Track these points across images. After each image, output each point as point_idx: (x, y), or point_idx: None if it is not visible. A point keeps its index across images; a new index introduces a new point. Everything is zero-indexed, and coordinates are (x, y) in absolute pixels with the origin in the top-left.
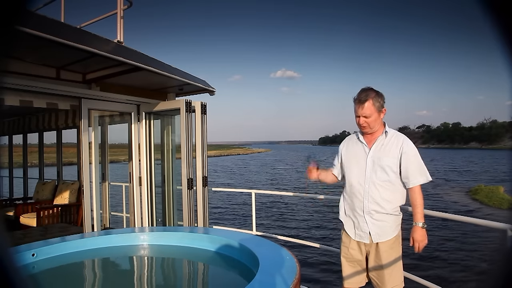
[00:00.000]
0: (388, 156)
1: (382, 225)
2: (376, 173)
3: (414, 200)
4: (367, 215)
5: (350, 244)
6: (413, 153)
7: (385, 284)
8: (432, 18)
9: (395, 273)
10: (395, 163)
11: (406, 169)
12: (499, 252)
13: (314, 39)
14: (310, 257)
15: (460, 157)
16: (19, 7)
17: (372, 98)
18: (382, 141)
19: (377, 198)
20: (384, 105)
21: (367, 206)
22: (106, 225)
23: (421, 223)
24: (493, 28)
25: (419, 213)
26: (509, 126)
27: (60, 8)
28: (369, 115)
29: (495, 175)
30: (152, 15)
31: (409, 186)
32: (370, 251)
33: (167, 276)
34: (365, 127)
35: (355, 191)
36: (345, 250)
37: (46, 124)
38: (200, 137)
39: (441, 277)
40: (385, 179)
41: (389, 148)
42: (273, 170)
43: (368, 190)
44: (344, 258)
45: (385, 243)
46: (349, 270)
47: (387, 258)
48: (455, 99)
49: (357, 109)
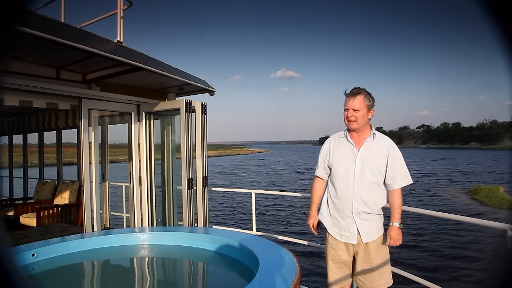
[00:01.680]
0: (376, 158)
1: (370, 225)
2: (366, 175)
3: (395, 200)
4: (356, 216)
5: (338, 245)
6: (399, 157)
7: (375, 282)
8: (432, 18)
9: (385, 270)
10: (383, 165)
11: (392, 172)
12: (499, 252)
13: (314, 39)
14: (310, 257)
15: (461, 157)
16: (19, 7)
17: (363, 94)
18: (370, 142)
19: (366, 199)
20: (373, 107)
21: (356, 207)
22: (106, 225)
23: (398, 223)
24: (493, 28)
25: (398, 214)
26: (509, 126)
27: (60, 8)
28: (358, 108)
29: (501, 176)
30: (152, 15)
31: (392, 188)
32: (359, 251)
33: (167, 276)
34: (353, 122)
35: (343, 192)
36: (332, 252)
37: (46, 124)
38: (200, 137)
39: (441, 277)
40: (373, 181)
41: (377, 150)
42: (273, 171)
43: (358, 191)
44: (331, 260)
45: (374, 242)
46: (336, 272)
47: (377, 257)
48: (455, 99)
49: (348, 101)
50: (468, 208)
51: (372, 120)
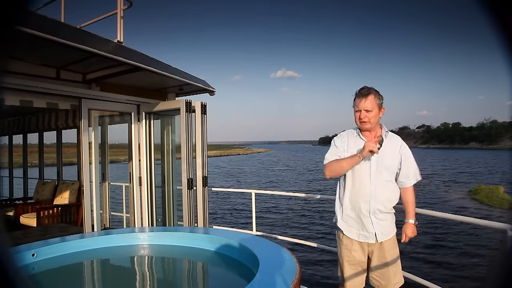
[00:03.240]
0: (390, 156)
1: (385, 224)
2: (381, 173)
3: (409, 197)
4: (373, 215)
5: (353, 246)
6: (411, 155)
7: (390, 281)
8: (432, 18)
9: (398, 269)
10: (396, 164)
11: (406, 170)
12: (499, 252)
13: (314, 39)
14: (310, 257)
15: (461, 157)
16: (19, 7)
17: (374, 94)
18: (384, 141)
19: (382, 198)
20: (383, 105)
21: (373, 206)
22: (106, 225)
23: (413, 220)
24: (493, 28)
25: (413, 210)
26: (509, 126)
27: (60, 8)
28: (371, 108)
29: (502, 176)
30: (152, 15)
31: (406, 185)
32: (374, 251)
33: (167, 276)
34: (366, 122)
35: (360, 192)
36: (347, 253)
37: (46, 124)
38: (200, 137)
39: (441, 277)
40: (388, 179)
41: (390, 148)
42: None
43: (375, 190)
44: (347, 262)
45: (389, 241)
46: (351, 273)
47: (392, 256)
48: (455, 99)
49: (359, 102)
50: (468, 208)
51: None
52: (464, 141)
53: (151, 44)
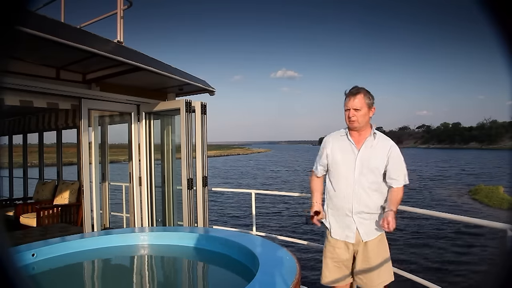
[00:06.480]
0: (376, 158)
1: (370, 223)
2: (365, 175)
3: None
4: (356, 216)
5: (337, 244)
6: (400, 157)
7: (373, 280)
8: (432, 18)
9: (384, 268)
10: (382, 165)
11: (394, 172)
12: (499, 252)
13: (314, 39)
14: (310, 257)
15: (461, 157)
16: (19, 7)
17: (363, 93)
18: (371, 142)
19: (366, 199)
20: (374, 105)
21: (356, 208)
22: (106, 225)
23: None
24: (493, 28)
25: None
26: (509, 126)
27: (60, 8)
28: (359, 107)
29: (502, 176)
30: (152, 15)
31: (393, 186)
32: (358, 250)
33: (167, 276)
34: (354, 121)
35: (343, 192)
36: (331, 250)
37: (46, 124)
38: (200, 137)
39: (441, 277)
40: (373, 181)
41: (377, 150)
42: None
43: (357, 192)
44: (330, 259)
45: (373, 241)
46: (334, 271)
47: (376, 255)
48: (455, 99)
49: (348, 101)
50: (467, 208)
51: (372, 120)
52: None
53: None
